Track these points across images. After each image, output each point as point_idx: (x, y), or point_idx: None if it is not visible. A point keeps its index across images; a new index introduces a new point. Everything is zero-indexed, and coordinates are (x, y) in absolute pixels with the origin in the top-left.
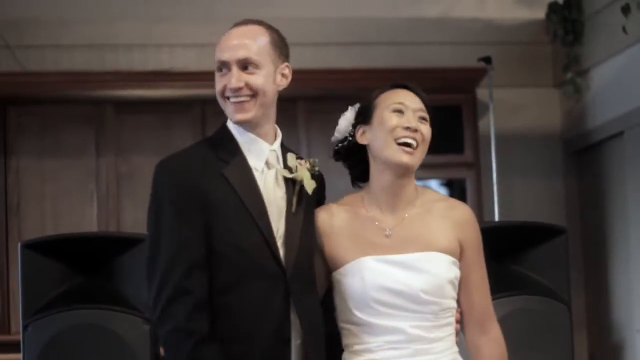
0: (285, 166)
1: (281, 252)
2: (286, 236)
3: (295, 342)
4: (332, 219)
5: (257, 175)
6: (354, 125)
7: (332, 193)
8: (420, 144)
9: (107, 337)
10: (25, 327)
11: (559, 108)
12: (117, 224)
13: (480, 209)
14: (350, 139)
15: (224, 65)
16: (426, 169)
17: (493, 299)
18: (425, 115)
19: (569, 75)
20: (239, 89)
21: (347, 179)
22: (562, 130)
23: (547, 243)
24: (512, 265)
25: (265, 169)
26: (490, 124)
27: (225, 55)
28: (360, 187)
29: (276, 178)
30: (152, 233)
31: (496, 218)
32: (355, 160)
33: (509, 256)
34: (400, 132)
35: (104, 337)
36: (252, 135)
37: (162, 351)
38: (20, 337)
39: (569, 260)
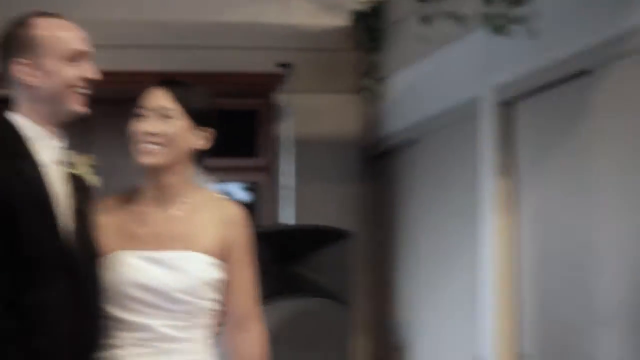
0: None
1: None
2: (78, 231)
3: None
4: (104, 212)
5: (45, 171)
6: None
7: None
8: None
9: None
10: None
11: (357, 114)
12: None
13: (275, 213)
14: None
15: (80, 55)
16: (224, 172)
17: (276, 301)
18: (166, 112)
19: (367, 82)
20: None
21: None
22: (359, 136)
23: (332, 246)
24: (294, 268)
25: (52, 165)
26: (288, 129)
27: (81, 46)
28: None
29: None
30: None
31: (293, 222)
32: None
33: (292, 258)
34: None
35: None
36: (41, 131)
37: None
38: None
39: (351, 263)
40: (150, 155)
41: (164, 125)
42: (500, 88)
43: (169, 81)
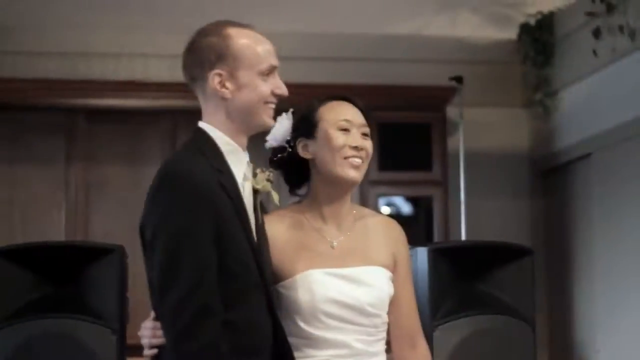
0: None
1: None
2: (259, 249)
3: None
4: (277, 231)
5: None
6: (295, 137)
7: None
8: (364, 160)
9: (75, 347)
10: None
11: (527, 128)
12: (85, 233)
13: (447, 227)
14: (290, 150)
15: (273, 70)
16: (394, 186)
17: (459, 318)
18: (367, 130)
19: (538, 96)
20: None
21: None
22: (530, 150)
23: (513, 263)
24: (478, 285)
25: (243, 180)
26: (459, 143)
27: (275, 61)
28: (299, 196)
29: (249, 190)
30: (168, 248)
31: (463, 237)
32: (294, 171)
33: (474, 275)
34: (348, 152)
35: (71, 347)
36: (234, 145)
37: None
38: None
39: (534, 281)
40: (357, 170)
41: (365, 142)
42: None
43: (352, 98)
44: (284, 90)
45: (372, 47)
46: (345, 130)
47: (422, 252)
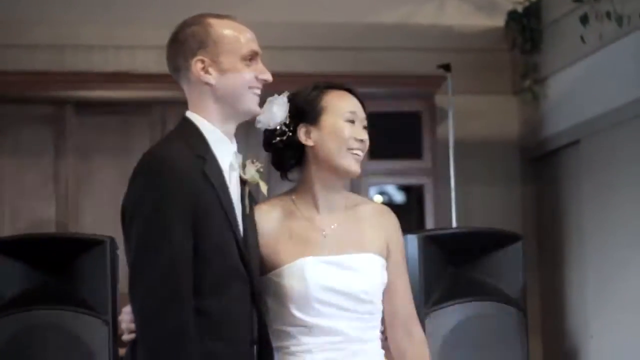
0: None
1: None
2: (245, 239)
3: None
4: (268, 220)
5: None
6: (296, 122)
7: None
8: (364, 153)
9: (66, 338)
10: None
11: (516, 115)
12: (75, 224)
13: (438, 215)
14: (290, 134)
15: (255, 56)
16: (384, 175)
17: (450, 305)
18: (366, 123)
19: (527, 82)
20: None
21: None
22: (519, 137)
23: (503, 249)
24: (468, 271)
25: (230, 169)
26: (449, 131)
27: (257, 48)
28: (290, 181)
29: (236, 180)
30: (142, 232)
31: (454, 224)
32: (290, 156)
33: (465, 262)
34: (354, 144)
35: (63, 338)
36: (220, 134)
37: (123, 352)
38: None
39: (525, 266)
40: (358, 163)
41: (365, 134)
42: None
43: (354, 89)
44: (267, 76)
45: (359, 36)
46: (351, 121)
47: (413, 240)
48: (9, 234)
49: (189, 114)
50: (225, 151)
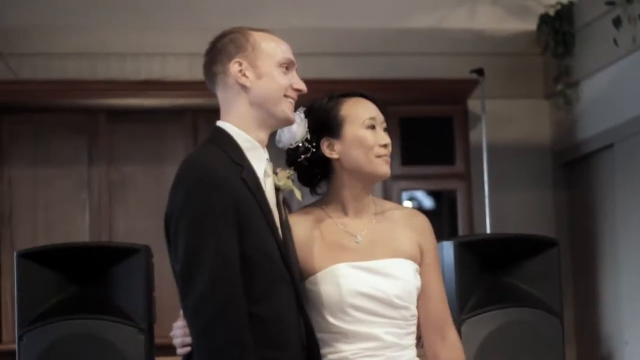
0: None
1: None
2: (285, 244)
3: None
4: (301, 229)
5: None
6: (318, 137)
7: None
8: (390, 153)
9: (102, 348)
10: (20, 338)
11: (549, 120)
12: (109, 233)
13: (471, 221)
14: (314, 150)
15: (291, 66)
16: (417, 180)
17: (486, 312)
18: (386, 125)
19: (560, 87)
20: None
21: None
22: (552, 142)
23: (539, 255)
24: (505, 278)
25: (265, 177)
26: (482, 136)
27: (293, 57)
28: (319, 195)
29: (271, 187)
30: (189, 241)
31: (488, 230)
32: (317, 172)
33: (501, 268)
34: (379, 151)
35: (99, 348)
36: (254, 142)
37: None
38: (16, 348)
39: (561, 273)
40: (388, 164)
41: (387, 137)
42: None
43: (368, 94)
44: (303, 87)
45: (392, 42)
46: (372, 127)
47: (449, 247)
48: (43, 243)
49: (221, 124)
50: (258, 159)
